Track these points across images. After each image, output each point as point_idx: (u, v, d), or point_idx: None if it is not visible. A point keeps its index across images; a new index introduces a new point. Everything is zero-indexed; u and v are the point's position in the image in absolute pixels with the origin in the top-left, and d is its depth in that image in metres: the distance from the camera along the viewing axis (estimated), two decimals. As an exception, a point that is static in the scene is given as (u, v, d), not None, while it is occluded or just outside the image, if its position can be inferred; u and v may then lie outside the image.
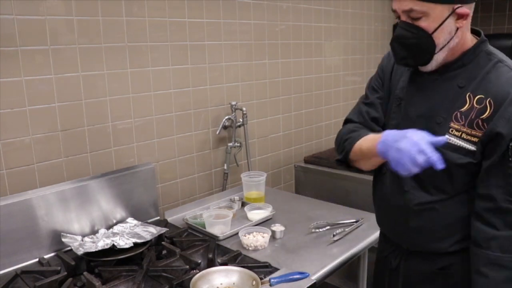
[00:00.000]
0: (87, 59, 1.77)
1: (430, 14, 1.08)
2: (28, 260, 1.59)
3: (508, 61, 1.14)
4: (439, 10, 1.08)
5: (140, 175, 1.91)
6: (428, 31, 1.10)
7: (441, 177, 1.16)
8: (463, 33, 1.14)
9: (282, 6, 2.59)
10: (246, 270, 1.38)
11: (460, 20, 1.11)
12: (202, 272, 1.37)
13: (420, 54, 1.14)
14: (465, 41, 1.16)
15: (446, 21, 1.09)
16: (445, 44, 1.12)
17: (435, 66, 1.17)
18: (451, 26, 1.11)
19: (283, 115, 2.73)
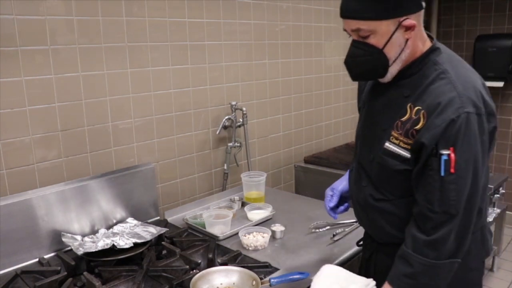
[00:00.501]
0: (87, 59, 1.77)
1: (377, 31, 1.11)
2: (28, 260, 1.60)
3: (452, 72, 1.13)
4: (385, 26, 1.10)
5: (140, 175, 1.91)
6: (379, 47, 1.13)
7: (386, 181, 1.24)
8: (414, 43, 1.16)
9: (282, 6, 2.59)
10: (246, 270, 1.38)
11: (408, 31, 1.12)
12: (202, 272, 1.37)
13: (374, 69, 1.17)
14: (416, 50, 1.17)
15: (394, 35, 1.11)
16: (397, 56, 1.15)
17: (390, 78, 1.20)
18: (400, 39, 1.12)
19: (283, 115, 2.73)
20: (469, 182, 1.10)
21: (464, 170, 1.08)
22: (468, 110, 1.07)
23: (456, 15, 3.94)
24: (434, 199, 1.10)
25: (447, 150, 1.07)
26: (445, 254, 1.12)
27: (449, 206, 1.10)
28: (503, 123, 3.81)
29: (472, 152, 1.08)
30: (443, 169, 1.07)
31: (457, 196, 1.09)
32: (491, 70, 3.60)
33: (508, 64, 3.51)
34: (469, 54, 3.88)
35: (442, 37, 4.02)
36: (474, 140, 1.08)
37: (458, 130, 1.06)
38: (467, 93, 1.09)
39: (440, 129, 1.07)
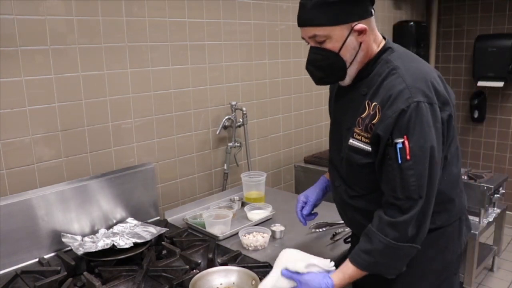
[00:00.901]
0: (87, 59, 1.77)
1: (332, 36, 1.20)
2: (28, 260, 1.60)
3: (402, 67, 1.20)
4: (338, 31, 1.19)
5: (140, 175, 1.91)
6: (335, 50, 1.22)
7: (355, 176, 1.32)
8: (368, 45, 1.24)
9: (282, 6, 2.59)
10: (245, 270, 1.38)
11: (361, 35, 1.21)
12: (202, 272, 1.37)
13: (333, 72, 1.26)
14: (370, 52, 1.25)
15: (348, 39, 1.20)
16: (353, 58, 1.23)
17: (349, 81, 1.28)
18: (353, 42, 1.21)
19: (283, 115, 2.73)
20: (427, 167, 1.14)
21: (420, 156, 1.13)
22: (417, 100, 1.13)
23: (456, 15, 3.94)
24: (396, 186, 1.16)
25: (401, 138, 1.13)
26: (404, 237, 1.17)
27: (410, 192, 1.15)
28: (503, 123, 3.81)
29: (425, 138, 1.13)
30: (400, 157, 1.14)
31: (417, 181, 1.14)
32: (491, 70, 3.61)
33: (508, 64, 3.51)
34: (469, 54, 3.88)
35: (442, 37, 4.02)
36: (427, 127, 1.14)
37: (409, 119, 1.12)
38: (416, 85, 1.15)
39: (392, 119, 1.14)
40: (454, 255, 1.37)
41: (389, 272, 1.23)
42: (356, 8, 1.19)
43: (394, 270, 1.23)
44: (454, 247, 1.36)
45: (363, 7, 1.20)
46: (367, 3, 1.21)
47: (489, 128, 3.88)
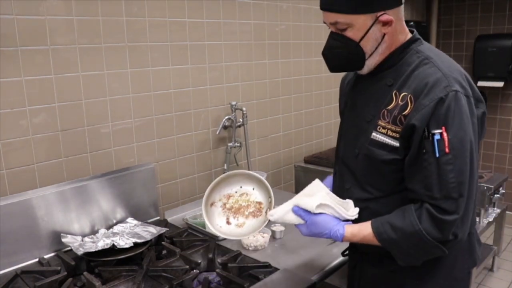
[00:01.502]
0: (87, 59, 1.77)
1: (354, 24, 1.12)
2: (28, 260, 1.60)
3: (435, 57, 1.14)
4: (362, 20, 1.12)
5: (140, 175, 1.91)
6: (355, 40, 1.14)
7: (373, 175, 1.21)
8: (392, 37, 1.16)
9: (282, 6, 2.59)
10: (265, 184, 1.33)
11: (386, 26, 1.13)
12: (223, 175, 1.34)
13: (351, 62, 1.19)
14: (395, 43, 1.18)
15: (370, 30, 1.13)
16: (373, 50, 1.16)
17: (367, 71, 1.21)
18: (376, 33, 1.14)
19: (283, 115, 2.73)
20: (468, 162, 1.05)
21: (460, 149, 1.04)
22: (456, 89, 1.06)
23: (456, 15, 3.94)
24: (433, 184, 1.06)
25: (438, 129, 1.04)
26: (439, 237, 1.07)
27: (449, 190, 1.05)
28: (503, 123, 3.80)
29: (465, 130, 1.05)
30: (437, 150, 1.04)
31: (456, 177, 1.04)
32: (491, 70, 3.61)
33: (508, 64, 3.51)
34: (469, 54, 3.88)
35: (442, 37, 4.02)
36: (466, 118, 1.06)
37: (447, 108, 1.04)
38: (452, 75, 1.09)
39: (429, 108, 1.05)
40: (464, 273, 1.26)
41: (402, 258, 1.15)
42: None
43: (409, 259, 1.14)
44: (465, 264, 1.25)
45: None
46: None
47: (489, 128, 3.88)
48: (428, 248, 1.10)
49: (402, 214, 1.12)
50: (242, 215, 1.24)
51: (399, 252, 1.14)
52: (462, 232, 1.09)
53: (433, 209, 1.07)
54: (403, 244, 1.11)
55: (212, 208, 1.28)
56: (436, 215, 1.06)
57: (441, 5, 3.95)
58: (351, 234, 1.17)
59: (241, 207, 1.26)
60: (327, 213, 1.18)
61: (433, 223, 1.07)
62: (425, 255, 1.13)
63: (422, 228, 1.07)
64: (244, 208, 1.26)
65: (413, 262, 1.15)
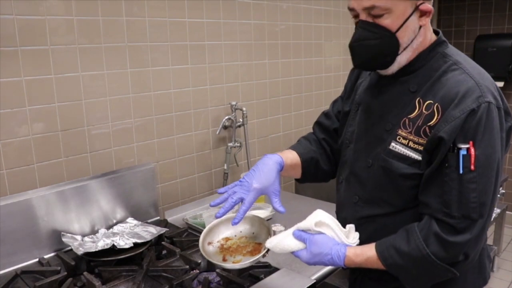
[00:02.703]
0: (87, 59, 1.77)
1: (394, 10, 1.00)
2: (28, 260, 1.59)
3: (464, 63, 1.05)
4: (402, 6, 1.00)
5: (140, 175, 1.90)
6: (392, 29, 1.02)
7: (388, 189, 1.11)
8: (426, 32, 1.07)
9: (282, 6, 2.59)
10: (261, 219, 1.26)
11: (423, 17, 1.04)
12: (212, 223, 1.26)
13: (382, 56, 1.06)
14: (426, 41, 1.08)
15: (410, 18, 1.02)
16: (409, 43, 1.05)
17: (396, 69, 1.09)
18: (414, 24, 1.03)
19: (283, 115, 2.73)
20: (492, 182, 0.97)
21: (486, 167, 0.96)
22: (489, 100, 0.97)
23: (456, 15, 3.94)
24: (452, 201, 0.97)
25: (466, 144, 0.95)
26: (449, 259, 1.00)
27: (469, 209, 0.97)
28: (503, 123, 3.81)
29: (494, 147, 0.97)
30: (462, 166, 0.95)
31: (479, 197, 0.96)
32: (491, 70, 3.53)
33: (508, 64, 3.51)
34: (469, 54, 3.87)
35: (442, 37, 4.02)
36: (496, 133, 0.97)
37: (478, 122, 0.95)
38: (485, 83, 1.00)
39: (459, 120, 0.96)
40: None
41: (411, 283, 1.07)
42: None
43: (418, 283, 1.07)
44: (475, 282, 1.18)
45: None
46: None
47: (489, 128, 3.88)
48: (438, 272, 1.02)
49: (407, 237, 1.03)
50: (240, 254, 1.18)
51: (407, 278, 1.06)
52: (475, 252, 1.03)
53: (441, 229, 0.99)
54: (411, 269, 1.04)
55: (209, 247, 1.22)
56: (444, 237, 0.98)
57: (441, 5, 3.95)
58: (353, 254, 1.07)
59: (239, 247, 1.20)
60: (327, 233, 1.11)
61: (441, 245, 0.99)
62: (435, 279, 1.06)
63: (430, 252, 1.00)
64: (242, 248, 1.20)
65: (423, 286, 1.09)
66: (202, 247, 1.19)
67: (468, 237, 0.98)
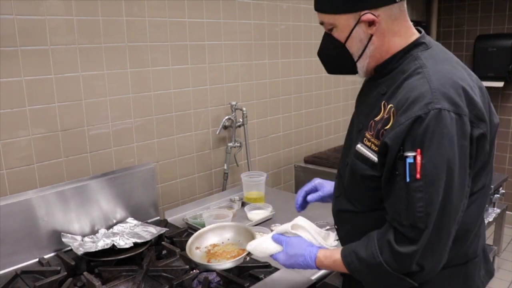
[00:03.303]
0: (87, 59, 1.77)
1: (337, 24, 1.07)
2: (28, 260, 1.59)
3: (430, 67, 1.00)
4: (344, 20, 1.05)
5: (140, 175, 1.90)
6: (341, 41, 1.08)
7: (356, 188, 1.13)
8: (383, 39, 1.06)
9: (282, 6, 2.59)
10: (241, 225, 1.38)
11: (372, 26, 1.04)
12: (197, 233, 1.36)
13: (342, 63, 1.13)
14: (390, 46, 1.07)
15: (354, 30, 1.05)
16: (361, 53, 1.08)
17: (363, 74, 1.14)
18: (360, 34, 1.05)
19: (283, 115, 2.73)
20: (440, 192, 0.93)
21: (434, 176, 0.93)
22: (440, 107, 0.92)
23: (456, 15, 3.94)
24: (402, 209, 0.97)
25: (413, 152, 0.93)
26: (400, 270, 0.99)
27: (416, 219, 0.95)
28: (503, 123, 3.80)
29: (444, 155, 0.92)
30: (408, 174, 0.94)
31: (425, 207, 0.94)
32: (491, 70, 3.60)
33: (508, 64, 3.51)
34: (469, 54, 3.88)
35: (442, 37, 4.02)
36: (449, 141, 0.92)
37: (426, 129, 0.92)
38: (443, 89, 0.95)
39: (403, 127, 0.94)
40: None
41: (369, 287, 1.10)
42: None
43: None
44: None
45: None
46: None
47: (489, 128, 3.88)
48: (394, 281, 1.01)
49: (366, 243, 1.05)
50: (224, 258, 1.27)
51: (367, 283, 1.09)
52: (432, 263, 0.99)
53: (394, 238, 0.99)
54: (368, 275, 1.05)
55: (197, 251, 1.30)
56: (394, 247, 0.98)
57: (441, 5, 3.95)
58: (323, 256, 1.11)
59: (225, 252, 1.29)
60: (303, 236, 1.16)
61: (392, 255, 0.99)
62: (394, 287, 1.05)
63: (383, 260, 0.99)
64: (227, 253, 1.28)
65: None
66: (189, 249, 1.27)
67: (414, 248, 0.96)
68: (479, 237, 1.14)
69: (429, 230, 0.95)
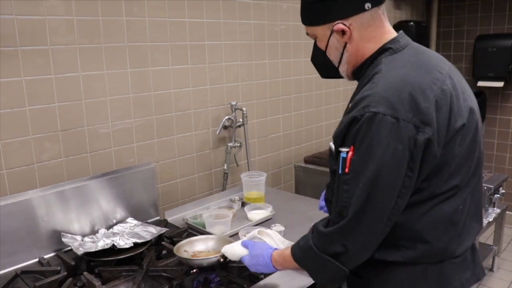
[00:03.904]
0: (87, 59, 1.77)
1: (317, 35, 1.19)
2: (28, 260, 1.59)
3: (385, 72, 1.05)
4: (321, 31, 1.16)
5: (140, 175, 1.90)
6: (323, 49, 1.20)
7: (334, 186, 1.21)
8: (356, 46, 1.13)
9: (282, 6, 2.59)
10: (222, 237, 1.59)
11: (344, 36, 1.12)
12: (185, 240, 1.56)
13: (329, 68, 1.24)
14: (364, 52, 1.14)
15: (330, 40, 1.15)
16: (339, 60, 1.18)
17: (347, 78, 1.26)
18: (336, 43, 1.15)
19: (283, 115, 2.73)
20: (364, 189, 0.99)
21: (359, 172, 1.00)
22: (376, 110, 0.97)
23: (456, 15, 3.94)
24: (335, 197, 1.09)
25: (347, 148, 1.03)
26: (324, 250, 1.07)
27: (341, 207, 1.04)
28: (503, 123, 3.80)
29: (371, 155, 0.98)
30: (340, 167, 1.04)
31: (348, 198, 1.02)
32: (491, 70, 3.61)
33: (508, 64, 3.51)
34: (469, 54, 3.88)
35: (442, 37, 4.02)
36: (377, 143, 0.97)
37: (358, 129, 1.00)
38: (383, 94, 0.99)
39: (343, 126, 1.05)
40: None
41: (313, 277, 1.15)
42: (337, 6, 1.09)
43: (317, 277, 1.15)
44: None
45: (348, 4, 1.08)
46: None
47: (489, 128, 3.88)
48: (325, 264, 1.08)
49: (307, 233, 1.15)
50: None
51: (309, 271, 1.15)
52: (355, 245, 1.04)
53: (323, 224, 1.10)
54: (307, 262, 1.14)
55: (184, 253, 1.50)
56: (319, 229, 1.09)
57: (441, 5, 3.95)
58: (276, 253, 1.23)
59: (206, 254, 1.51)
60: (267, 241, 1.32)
61: (317, 235, 1.10)
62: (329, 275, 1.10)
63: (312, 243, 1.10)
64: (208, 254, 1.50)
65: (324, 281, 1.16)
66: (177, 249, 1.48)
67: (332, 229, 1.05)
68: (463, 238, 1.13)
69: (347, 218, 1.03)
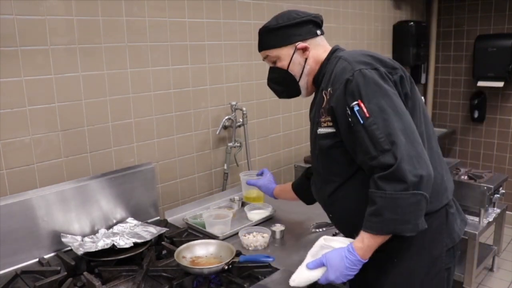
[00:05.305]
0: (87, 59, 1.77)
1: (280, 55, 1.42)
2: (28, 260, 1.60)
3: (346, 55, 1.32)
4: (285, 51, 1.41)
5: (140, 175, 1.91)
6: (284, 68, 1.42)
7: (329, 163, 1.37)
8: (314, 59, 1.41)
9: (282, 6, 2.59)
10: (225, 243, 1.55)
11: (305, 52, 1.40)
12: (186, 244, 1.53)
13: (288, 86, 1.46)
14: (318, 60, 1.41)
15: (293, 57, 1.41)
16: (301, 73, 1.42)
17: (306, 93, 1.48)
18: (298, 58, 1.41)
19: (283, 115, 2.73)
20: (390, 115, 1.17)
21: (379, 111, 1.17)
22: (359, 68, 1.22)
23: (456, 15, 3.94)
24: (368, 146, 1.18)
25: (355, 101, 1.20)
26: (404, 186, 1.13)
27: (381, 144, 1.16)
28: (503, 123, 3.81)
29: (379, 94, 1.19)
30: (360, 118, 1.18)
31: (382, 132, 1.16)
32: (491, 70, 3.61)
33: (508, 64, 3.51)
34: (469, 54, 3.88)
35: (442, 37, 4.02)
36: (377, 85, 1.20)
37: (357, 85, 1.20)
38: (356, 59, 1.26)
39: (339, 90, 1.23)
40: (443, 249, 1.32)
41: (404, 229, 1.17)
42: (298, 31, 1.39)
43: (408, 226, 1.17)
44: (442, 240, 1.32)
45: (305, 30, 1.40)
46: (310, 26, 1.41)
47: (489, 128, 3.88)
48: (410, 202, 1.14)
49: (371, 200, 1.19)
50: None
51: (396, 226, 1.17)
52: (423, 169, 1.15)
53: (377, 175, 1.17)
54: (391, 217, 1.16)
55: (183, 259, 1.46)
56: (384, 175, 1.15)
57: (441, 5, 3.95)
58: (357, 241, 1.22)
59: (206, 263, 1.46)
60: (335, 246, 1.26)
61: (389, 181, 1.15)
62: (415, 211, 1.16)
63: (387, 192, 1.15)
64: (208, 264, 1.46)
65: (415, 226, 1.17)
66: (177, 256, 1.45)
67: (394, 162, 1.14)
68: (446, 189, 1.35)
69: (396, 144, 1.15)
